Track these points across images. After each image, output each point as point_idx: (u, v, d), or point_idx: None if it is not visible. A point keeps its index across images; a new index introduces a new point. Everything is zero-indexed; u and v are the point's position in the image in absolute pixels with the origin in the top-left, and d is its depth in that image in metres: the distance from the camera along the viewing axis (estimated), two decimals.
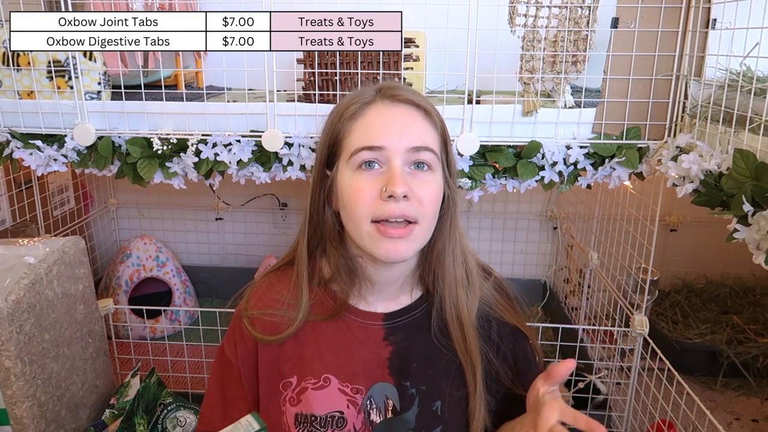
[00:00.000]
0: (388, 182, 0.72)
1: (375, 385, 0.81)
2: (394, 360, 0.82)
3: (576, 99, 1.19)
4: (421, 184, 0.74)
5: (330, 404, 0.80)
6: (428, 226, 0.76)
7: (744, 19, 0.93)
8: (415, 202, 0.73)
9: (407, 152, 0.74)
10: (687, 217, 2.07)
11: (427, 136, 0.76)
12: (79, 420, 1.21)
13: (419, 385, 0.81)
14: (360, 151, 0.74)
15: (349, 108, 0.77)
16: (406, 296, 0.85)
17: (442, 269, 0.81)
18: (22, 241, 1.18)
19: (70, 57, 1.21)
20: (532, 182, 1.20)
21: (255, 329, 0.82)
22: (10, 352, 0.99)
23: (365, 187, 0.74)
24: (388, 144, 0.74)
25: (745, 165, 0.86)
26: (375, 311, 0.84)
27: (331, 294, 0.84)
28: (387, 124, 0.75)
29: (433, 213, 0.76)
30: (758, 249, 0.82)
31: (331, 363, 0.81)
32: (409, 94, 0.78)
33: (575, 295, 1.94)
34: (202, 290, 2.27)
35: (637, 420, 1.43)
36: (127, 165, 1.25)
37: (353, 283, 0.82)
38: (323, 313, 0.82)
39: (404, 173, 0.74)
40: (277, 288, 0.84)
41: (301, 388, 0.81)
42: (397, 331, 0.83)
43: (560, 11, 1.11)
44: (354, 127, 0.77)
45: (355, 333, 0.82)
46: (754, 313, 1.92)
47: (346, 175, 0.76)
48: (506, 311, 0.86)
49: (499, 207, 2.20)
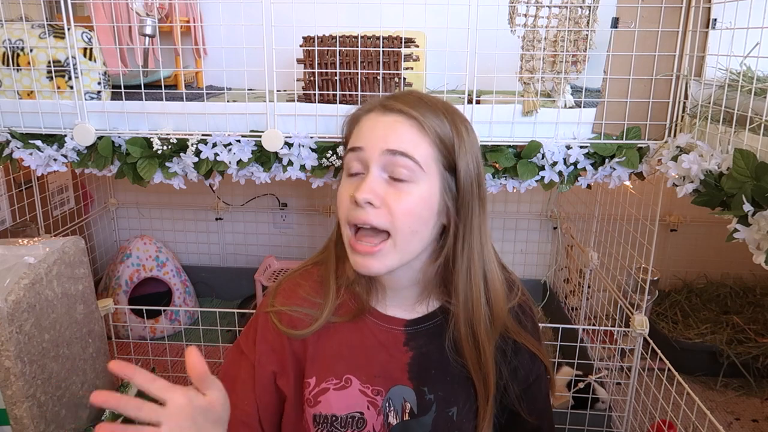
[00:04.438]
0: (356, 188, 0.73)
1: (394, 387, 0.81)
2: (414, 365, 0.82)
3: (576, 99, 1.19)
4: (396, 193, 0.72)
5: (351, 405, 0.80)
6: (404, 240, 0.74)
7: (744, 19, 0.93)
8: (384, 211, 0.72)
9: (383, 155, 0.72)
10: (687, 217, 2.07)
11: (409, 144, 0.73)
12: (79, 420, 1.21)
13: (437, 391, 0.81)
14: (347, 154, 0.77)
15: (353, 116, 0.80)
16: (423, 307, 0.85)
17: (456, 289, 0.79)
18: (22, 241, 1.18)
19: (70, 57, 1.21)
20: (532, 182, 1.20)
21: (282, 324, 0.82)
22: (9, 352, 0.99)
23: (343, 192, 0.76)
24: (366, 145, 0.74)
25: (745, 165, 0.86)
26: (396, 316, 0.83)
27: (355, 296, 0.84)
28: (372, 128, 0.75)
29: (409, 227, 0.73)
30: (758, 249, 0.82)
31: (352, 364, 0.81)
32: (402, 104, 0.75)
33: (575, 295, 1.94)
34: (202, 290, 2.27)
35: (637, 420, 1.43)
36: (127, 165, 1.25)
37: (371, 288, 0.83)
38: (347, 314, 0.82)
39: (378, 180, 0.73)
40: (303, 287, 0.85)
41: (321, 389, 0.80)
42: (417, 337, 0.83)
43: (560, 11, 1.11)
44: (352, 133, 0.79)
45: (376, 335, 0.82)
46: (754, 313, 1.92)
47: (342, 182, 0.79)
48: (522, 337, 0.84)
49: (499, 207, 2.20)
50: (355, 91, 1.20)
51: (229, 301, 2.25)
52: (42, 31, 1.22)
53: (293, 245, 2.28)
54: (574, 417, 1.45)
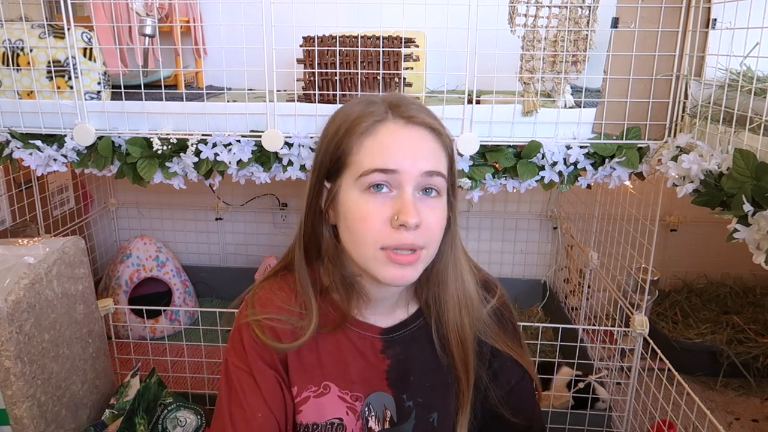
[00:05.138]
0: (400, 211, 0.69)
1: (373, 393, 0.81)
2: (392, 372, 0.82)
3: (576, 99, 1.19)
4: (430, 210, 0.72)
5: (330, 411, 0.80)
6: (434, 250, 0.75)
7: (744, 19, 0.93)
8: (424, 230, 0.71)
9: (421, 176, 0.71)
10: (687, 217, 2.07)
11: (439, 160, 0.74)
12: (79, 420, 1.21)
13: (416, 397, 0.81)
14: (372, 173, 0.70)
15: (360, 124, 0.73)
16: (402, 311, 0.85)
17: (444, 287, 0.80)
18: (22, 241, 1.18)
19: (70, 57, 1.21)
20: (532, 182, 1.20)
21: (265, 335, 0.79)
22: (9, 352, 0.99)
23: (374, 213, 0.71)
24: (402, 168, 0.70)
25: (745, 165, 0.86)
26: (373, 324, 0.83)
27: (332, 304, 0.82)
28: (401, 146, 0.72)
29: (438, 238, 0.75)
30: (758, 249, 0.82)
31: (330, 371, 0.81)
32: (424, 115, 0.74)
33: (575, 295, 1.94)
34: (202, 290, 2.27)
35: (637, 420, 1.43)
36: (127, 165, 1.25)
37: (350, 298, 0.80)
38: (328, 324, 0.81)
39: (415, 200, 0.71)
40: (279, 295, 0.82)
41: (303, 398, 0.80)
42: (394, 344, 0.83)
43: (560, 11, 1.11)
44: (364, 144, 0.72)
45: (354, 342, 0.82)
46: (754, 313, 1.92)
47: (353, 196, 0.72)
48: (498, 340, 0.85)
49: (499, 207, 2.20)
50: (355, 91, 1.20)
51: (229, 301, 2.23)
52: (42, 31, 1.22)
53: None
54: (574, 417, 1.45)
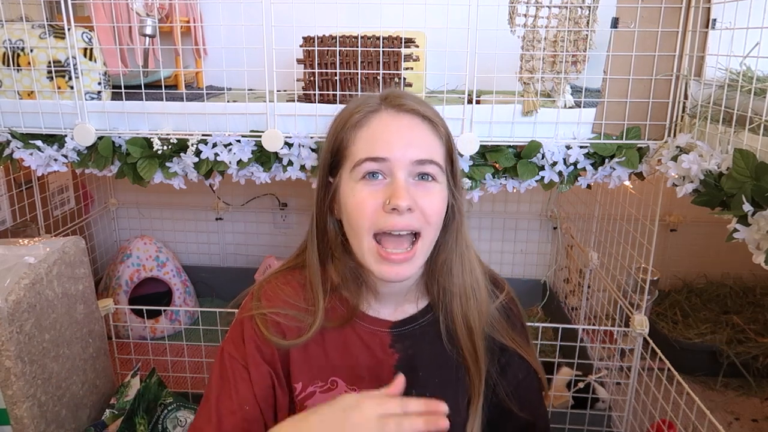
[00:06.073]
0: (392, 195, 0.71)
1: (381, 389, 0.81)
2: (401, 367, 0.81)
3: (576, 99, 1.19)
4: (425, 195, 0.73)
5: None
6: (431, 239, 0.76)
7: (744, 19, 0.93)
8: (418, 214, 0.73)
9: (412, 165, 0.73)
10: (687, 217, 2.07)
11: (433, 149, 0.75)
12: (79, 420, 1.21)
13: (425, 392, 0.81)
14: (363, 162, 0.73)
15: (354, 116, 0.76)
16: (412, 305, 0.85)
17: (450, 279, 0.80)
18: (22, 241, 1.18)
19: (71, 57, 1.21)
20: (532, 182, 1.20)
21: (269, 331, 0.79)
22: (10, 352, 0.99)
23: (368, 199, 0.73)
24: (392, 156, 0.72)
25: (745, 165, 0.86)
26: (382, 318, 0.83)
27: (342, 300, 0.83)
28: (392, 135, 0.74)
29: (436, 224, 0.75)
30: (758, 249, 0.82)
31: (337, 366, 0.81)
32: (415, 104, 0.76)
33: (575, 295, 1.94)
34: (202, 290, 2.27)
35: (637, 420, 1.43)
36: (127, 165, 1.25)
37: (360, 291, 0.81)
38: (336, 320, 0.81)
39: (408, 185, 0.73)
40: (285, 290, 0.83)
41: (308, 393, 0.80)
42: (403, 338, 0.83)
43: (560, 11, 1.11)
44: (358, 136, 0.75)
45: (362, 337, 0.82)
46: (754, 313, 1.92)
47: (349, 186, 0.75)
48: (507, 336, 0.85)
49: (499, 207, 2.20)
50: (355, 91, 1.20)
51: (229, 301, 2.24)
52: (42, 32, 1.22)
53: (293, 245, 2.23)
54: (574, 417, 1.45)
